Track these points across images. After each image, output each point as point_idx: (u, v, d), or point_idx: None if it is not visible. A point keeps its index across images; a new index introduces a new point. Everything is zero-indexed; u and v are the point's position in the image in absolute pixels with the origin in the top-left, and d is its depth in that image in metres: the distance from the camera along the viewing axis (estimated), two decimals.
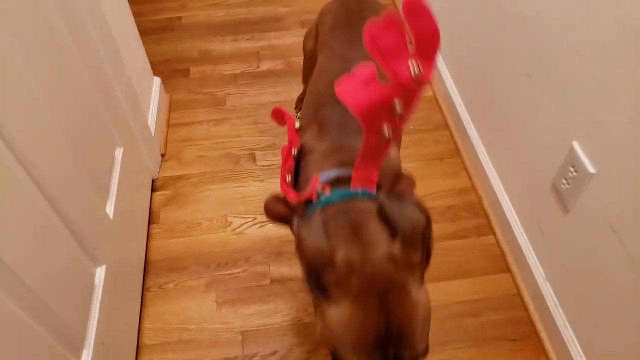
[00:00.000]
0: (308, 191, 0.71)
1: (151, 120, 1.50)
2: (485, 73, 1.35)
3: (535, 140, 1.12)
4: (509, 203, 1.28)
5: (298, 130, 0.83)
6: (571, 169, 0.98)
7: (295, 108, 1.62)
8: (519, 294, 1.24)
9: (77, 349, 0.87)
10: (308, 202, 0.70)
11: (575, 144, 0.96)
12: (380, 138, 0.61)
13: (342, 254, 0.56)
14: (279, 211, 0.75)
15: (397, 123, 0.60)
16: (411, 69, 0.55)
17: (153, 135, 1.47)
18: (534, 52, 1.07)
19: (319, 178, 0.71)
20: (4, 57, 0.73)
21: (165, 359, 1.15)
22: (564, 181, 1.01)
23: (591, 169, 0.92)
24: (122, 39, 1.30)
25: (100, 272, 1.00)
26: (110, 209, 1.09)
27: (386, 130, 0.60)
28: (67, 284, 0.86)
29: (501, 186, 1.31)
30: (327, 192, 0.68)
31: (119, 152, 1.20)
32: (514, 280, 1.26)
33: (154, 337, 1.19)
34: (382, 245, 0.57)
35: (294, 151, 0.80)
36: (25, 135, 0.76)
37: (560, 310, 1.09)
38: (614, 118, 0.85)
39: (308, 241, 0.56)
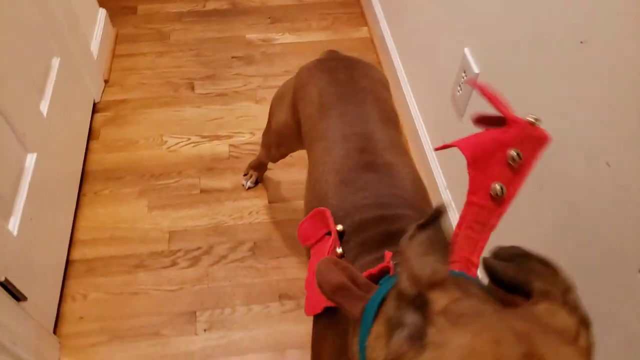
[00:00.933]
0: (381, 264, 0.52)
1: (94, 46, 1.57)
2: (407, 7, 1.46)
3: (438, 57, 1.24)
4: (423, 125, 1.40)
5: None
6: (463, 74, 1.10)
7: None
8: None
9: (6, 215, 0.96)
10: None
11: (467, 50, 1.08)
12: (490, 199, 0.48)
13: None
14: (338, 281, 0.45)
15: (512, 179, 0.48)
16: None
17: (95, 60, 1.54)
18: None
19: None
20: None
21: (97, 252, 1.24)
22: (458, 88, 1.13)
23: (475, 70, 1.04)
24: None
25: (30, 159, 1.08)
26: (44, 108, 1.17)
27: (498, 187, 0.48)
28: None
29: (419, 115, 1.43)
30: None
31: (55, 61, 1.28)
32: None
33: (87, 233, 1.28)
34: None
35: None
36: None
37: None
38: (493, 22, 0.97)
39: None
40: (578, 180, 0.73)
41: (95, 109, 1.55)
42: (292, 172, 1.42)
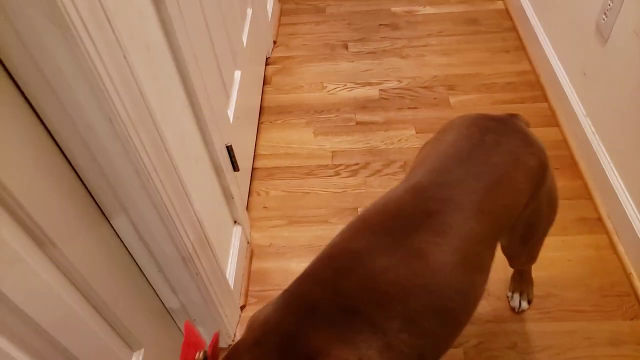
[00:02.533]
0: None
1: (269, 10, 1.90)
2: None
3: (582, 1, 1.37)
4: (561, 67, 1.51)
5: None
6: (609, 2, 1.22)
7: None
8: (564, 140, 1.47)
9: (229, 106, 1.25)
10: None
11: None
12: None
13: None
14: None
15: None
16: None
17: (269, 21, 1.87)
18: None
19: None
20: None
21: (275, 163, 1.51)
22: (604, 16, 1.25)
23: None
24: None
25: (237, 75, 1.38)
26: (244, 39, 1.48)
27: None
28: (223, 64, 1.24)
29: (557, 59, 1.55)
30: None
31: (249, 11, 1.60)
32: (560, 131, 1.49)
33: (266, 149, 1.56)
34: None
35: None
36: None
37: (597, 137, 1.31)
38: None
39: None
40: None
41: (267, 62, 1.87)
42: (437, 110, 1.61)
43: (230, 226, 1.21)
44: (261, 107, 1.69)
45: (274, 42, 1.94)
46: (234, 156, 1.17)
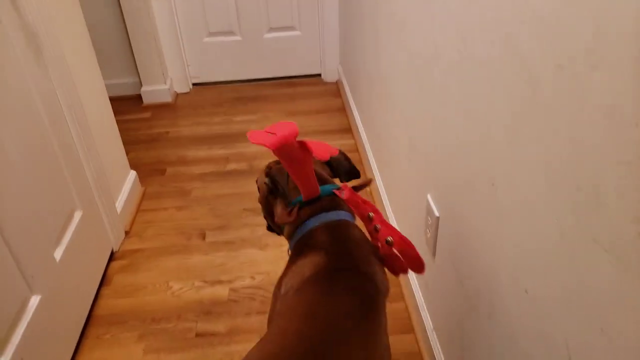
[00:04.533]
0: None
1: (120, 203, 1.78)
2: (390, 160, 1.61)
3: (414, 205, 1.34)
4: None
5: None
6: (429, 218, 1.18)
7: None
8: (419, 352, 1.34)
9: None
10: None
11: (429, 197, 1.17)
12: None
13: None
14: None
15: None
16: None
17: (119, 214, 1.74)
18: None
19: None
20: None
21: None
22: (427, 230, 1.20)
23: (437, 213, 1.12)
24: (100, 133, 1.64)
25: (34, 300, 1.18)
26: (58, 254, 1.32)
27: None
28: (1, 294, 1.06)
29: None
30: None
31: (77, 214, 1.46)
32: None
33: None
34: None
35: None
36: None
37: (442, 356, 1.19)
38: (450, 175, 1.07)
39: None
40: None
41: (112, 257, 1.70)
42: None
43: None
44: (90, 317, 1.48)
45: (127, 233, 1.80)
46: None
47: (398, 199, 1.55)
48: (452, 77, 0.94)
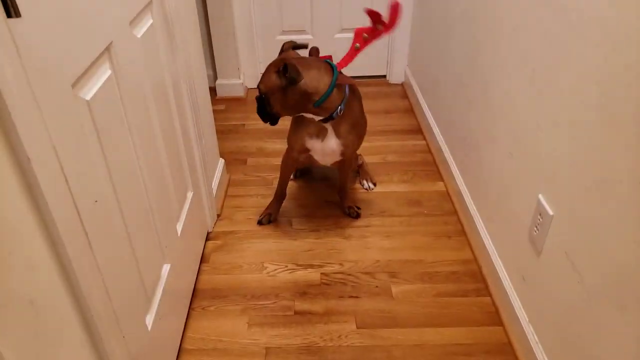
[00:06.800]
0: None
1: (214, 187, 1.89)
2: (481, 161, 1.68)
3: (514, 203, 1.41)
4: (501, 264, 1.51)
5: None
6: (539, 217, 1.25)
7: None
8: (509, 343, 1.41)
9: (146, 312, 1.14)
10: None
11: (541, 197, 1.25)
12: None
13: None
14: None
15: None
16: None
17: (215, 197, 1.85)
18: (515, 136, 1.42)
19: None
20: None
21: None
22: (535, 229, 1.27)
23: (550, 212, 1.20)
24: (205, 126, 1.76)
25: (166, 268, 1.29)
26: (179, 229, 1.43)
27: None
28: (146, 263, 1.16)
29: (497, 256, 1.56)
30: None
31: (190, 194, 1.57)
32: (505, 332, 1.44)
33: (193, 343, 1.42)
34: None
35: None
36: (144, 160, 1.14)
37: (540, 347, 1.26)
38: (564, 172, 1.15)
39: None
40: None
41: (208, 237, 1.81)
42: (379, 300, 1.55)
43: None
44: (195, 290, 1.59)
45: (218, 216, 1.91)
46: None
47: (491, 199, 1.62)
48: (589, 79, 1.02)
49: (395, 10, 1.43)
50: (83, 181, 0.82)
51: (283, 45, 1.61)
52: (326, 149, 1.64)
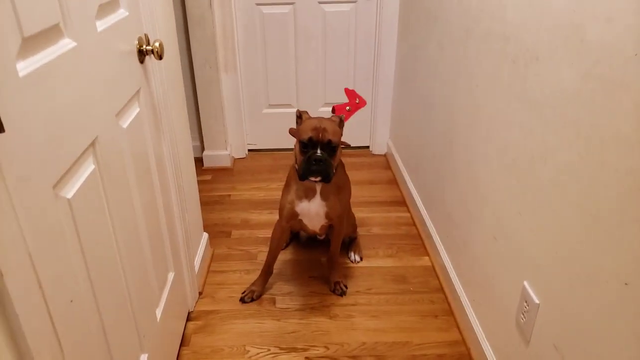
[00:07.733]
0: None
1: (196, 264, 1.85)
2: (466, 240, 1.69)
3: (499, 287, 1.40)
4: (491, 351, 1.48)
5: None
6: (525, 304, 1.24)
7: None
8: None
9: None
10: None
11: (526, 283, 1.24)
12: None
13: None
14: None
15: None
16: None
17: (196, 275, 1.81)
18: (497, 220, 1.43)
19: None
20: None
21: None
22: (522, 316, 1.26)
23: (536, 300, 1.19)
24: (190, 202, 1.75)
25: (143, 358, 1.24)
26: (158, 314, 1.38)
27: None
28: (122, 358, 1.11)
29: (486, 340, 1.53)
30: None
31: (170, 275, 1.53)
32: None
33: None
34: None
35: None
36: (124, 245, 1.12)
37: None
38: (549, 262, 1.15)
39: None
40: None
41: (188, 317, 1.75)
42: None
43: None
44: None
45: (200, 294, 1.86)
46: None
47: (476, 280, 1.61)
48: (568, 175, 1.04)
49: (351, 93, 1.88)
50: (59, 283, 0.80)
51: (299, 112, 1.74)
52: (312, 210, 1.71)
